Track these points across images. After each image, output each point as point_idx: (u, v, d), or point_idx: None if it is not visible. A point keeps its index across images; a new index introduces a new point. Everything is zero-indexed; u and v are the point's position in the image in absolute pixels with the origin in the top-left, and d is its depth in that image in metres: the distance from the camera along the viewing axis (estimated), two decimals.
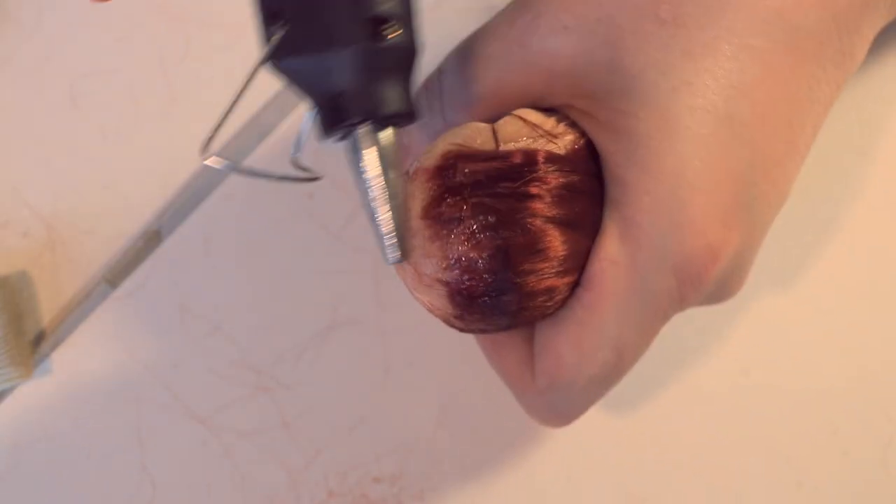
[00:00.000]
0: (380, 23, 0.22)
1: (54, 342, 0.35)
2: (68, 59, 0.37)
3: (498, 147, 0.25)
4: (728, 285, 0.27)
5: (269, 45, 0.22)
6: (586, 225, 0.26)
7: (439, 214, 0.25)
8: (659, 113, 0.24)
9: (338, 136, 0.23)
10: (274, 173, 0.24)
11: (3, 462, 0.34)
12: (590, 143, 0.26)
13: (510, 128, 0.26)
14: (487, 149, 0.25)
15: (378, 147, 0.23)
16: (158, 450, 0.34)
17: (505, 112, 0.27)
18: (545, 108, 0.27)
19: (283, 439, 0.34)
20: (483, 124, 0.26)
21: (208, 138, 0.23)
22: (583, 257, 0.26)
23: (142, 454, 0.34)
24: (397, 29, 0.22)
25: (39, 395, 0.34)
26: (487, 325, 0.27)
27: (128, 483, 0.34)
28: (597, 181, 0.26)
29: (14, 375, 0.33)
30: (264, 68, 0.23)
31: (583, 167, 0.26)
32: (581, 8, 0.25)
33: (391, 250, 0.24)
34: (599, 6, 0.25)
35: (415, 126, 0.26)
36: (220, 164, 0.23)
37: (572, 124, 0.26)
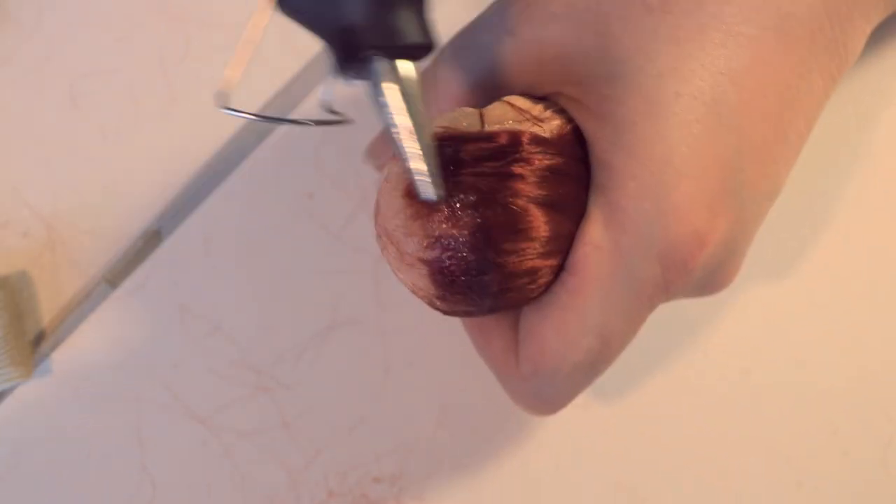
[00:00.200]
0: None
1: (54, 342, 0.35)
2: (68, 59, 0.37)
3: (483, 128, 0.26)
4: (718, 275, 0.27)
5: None
6: (571, 208, 0.26)
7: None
8: (645, 98, 0.24)
9: (354, 72, 0.22)
10: (295, 119, 0.23)
11: (4, 462, 0.34)
12: (577, 129, 0.26)
13: (497, 111, 0.26)
14: (473, 130, 0.25)
15: (399, 81, 0.22)
16: (158, 450, 0.34)
17: (496, 100, 0.27)
18: (537, 97, 0.27)
19: (283, 439, 0.34)
20: (471, 109, 0.26)
21: (224, 85, 0.22)
22: (567, 241, 0.26)
23: (142, 454, 0.34)
24: None
25: (39, 395, 0.34)
26: (470, 307, 0.26)
27: (128, 483, 0.34)
28: (583, 166, 0.26)
29: (14, 375, 0.33)
30: (273, 9, 0.22)
31: (568, 151, 0.26)
32: None
33: (424, 188, 0.23)
34: None
35: None
36: (236, 112, 0.22)
37: (560, 111, 0.26)
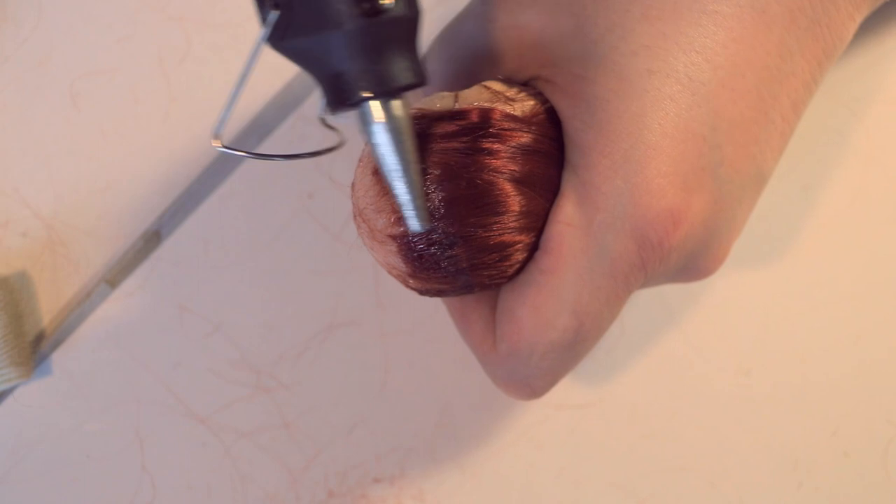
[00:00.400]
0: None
1: (54, 342, 0.35)
2: (68, 59, 0.37)
3: (455, 106, 0.26)
4: (701, 260, 0.26)
5: (265, 27, 0.22)
6: (542, 185, 0.26)
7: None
8: (617, 76, 0.24)
9: (347, 110, 0.23)
10: (285, 154, 0.24)
11: (4, 462, 0.34)
12: (551, 110, 0.26)
13: (472, 94, 0.26)
14: (444, 109, 0.25)
15: (388, 118, 0.23)
16: (158, 450, 0.34)
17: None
18: (516, 82, 0.27)
19: (283, 439, 0.34)
20: (447, 92, 0.26)
21: (218, 125, 0.23)
22: (541, 219, 0.26)
23: (142, 454, 0.34)
24: (393, 0, 0.22)
25: (39, 395, 0.34)
26: (443, 284, 0.26)
27: (128, 483, 0.34)
28: (556, 144, 0.26)
29: (14, 375, 0.33)
30: (267, 47, 0.23)
31: (541, 129, 0.26)
32: None
33: (411, 219, 0.24)
34: None
35: None
36: (230, 150, 0.23)
37: (536, 94, 0.26)
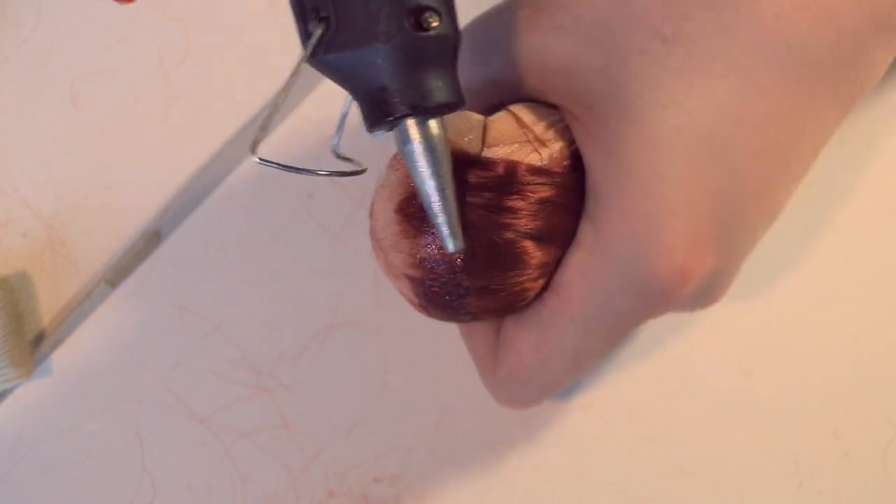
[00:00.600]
0: (420, 13, 0.22)
1: (54, 342, 0.35)
2: (68, 59, 0.37)
3: (484, 146, 0.25)
4: (707, 296, 0.27)
5: (310, 42, 0.22)
6: (560, 238, 0.26)
7: (413, 212, 0.25)
8: (643, 130, 0.24)
9: (384, 128, 0.23)
10: (322, 170, 0.24)
11: (4, 462, 0.34)
12: (577, 153, 0.26)
13: (501, 126, 0.26)
14: (473, 150, 0.25)
15: (427, 138, 0.23)
16: (158, 450, 0.34)
17: (504, 100, 0.27)
18: (544, 104, 0.27)
19: (283, 439, 0.34)
20: (476, 117, 0.26)
21: (256, 138, 0.23)
22: (554, 265, 0.26)
23: (142, 454, 0.34)
24: (437, 19, 0.22)
25: (39, 395, 0.34)
26: (451, 319, 0.27)
27: (128, 483, 0.34)
28: (577, 195, 0.26)
29: (14, 375, 0.33)
30: (307, 64, 0.23)
31: (564, 181, 0.26)
32: (581, 9, 0.25)
33: (448, 240, 0.24)
34: (599, 9, 0.25)
35: None
36: (268, 163, 0.23)
37: (564, 130, 0.26)
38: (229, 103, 0.36)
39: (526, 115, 0.26)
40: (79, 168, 0.36)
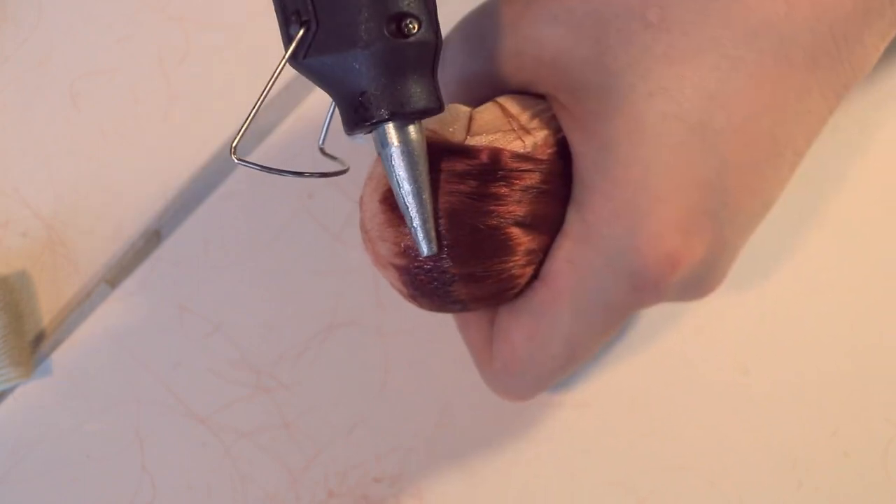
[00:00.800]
0: (401, 20, 0.22)
1: (54, 342, 0.35)
2: (68, 59, 0.37)
3: (467, 136, 0.26)
4: (700, 286, 0.27)
5: (291, 45, 0.22)
6: (547, 223, 0.26)
7: (397, 203, 0.25)
8: (631, 118, 0.24)
9: (364, 131, 0.23)
10: (303, 171, 0.24)
11: (4, 462, 0.34)
12: (563, 141, 0.26)
13: (486, 116, 0.26)
14: (457, 139, 0.25)
15: (404, 143, 0.23)
16: (158, 450, 0.34)
17: (494, 93, 0.27)
18: (532, 96, 0.27)
19: (283, 439, 0.34)
20: (463, 108, 0.26)
21: (236, 140, 0.23)
22: (543, 252, 0.26)
23: (142, 454, 0.34)
24: (418, 25, 0.22)
25: (39, 395, 0.34)
26: (442, 309, 0.27)
27: (128, 483, 0.34)
28: (563, 181, 0.26)
29: (14, 375, 0.33)
30: (288, 66, 0.23)
31: (549, 167, 0.26)
32: (571, 1, 0.25)
33: (423, 243, 0.24)
34: (590, 0, 0.25)
35: None
36: (248, 164, 0.23)
37: (550, 119, 0.26)
38: (229, 103, 0.36)
39: (511, 106, 0.26)
40: (79, 168, 0.36)
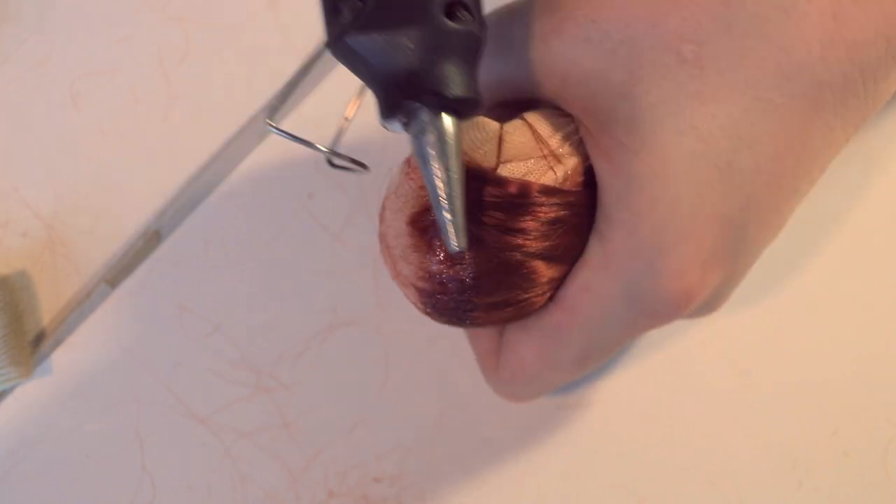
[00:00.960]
0: (452, 6, 0.22)
1: (54, 342, 0.35)
2: (68, 59, 0.37)
3: (499, 161, 0.25)
4: (706, 311, 0.28)
5: (341, 20, 0.22)
6: (570, 254, 0.26)
7: (425, 227, 0.25)
8: (659, 155, 0.24)
9: (402, 118, 0.23)
10: (332, 150, 0.24)
11: (4, 462, 0.34)
12: (591, 170, 0.26)
13: (517, 138, 0.26)
14: (488, 164, 0.25)
15: (440, 133, 0.22)
16: (158, 450, 0.34)
17: (516, 97, 0.27)
18: (562, 112, 0.27)
19: (283, 439, 0.34)
20: (492, 126, 0.26)
21: (272, 107, 0.23)
22: (562, 279, 0.27)
23: (142, 454, 0.34)
24: (468, 15, 0.22)
25: (39, 395, 0.34)
26: (455, 326, 0.27)
27: (128, 483, 0.34)
28: (589, 212, 0.26)
29: (14, 375, 0.33)
30: (329, 48, 0.22)
31: (577, 199, 0.26)
32: (607, 24, 0.24)
33: (451, 240, 0.23)
34: (626, 27, 0.24)
35: None
36: (279, 132, 0.23)
37: (579, 143, 0.26)
38: (229, 103, 0.36)
39: (542, 127, 0.26)
40: (79, 168, 0.36)
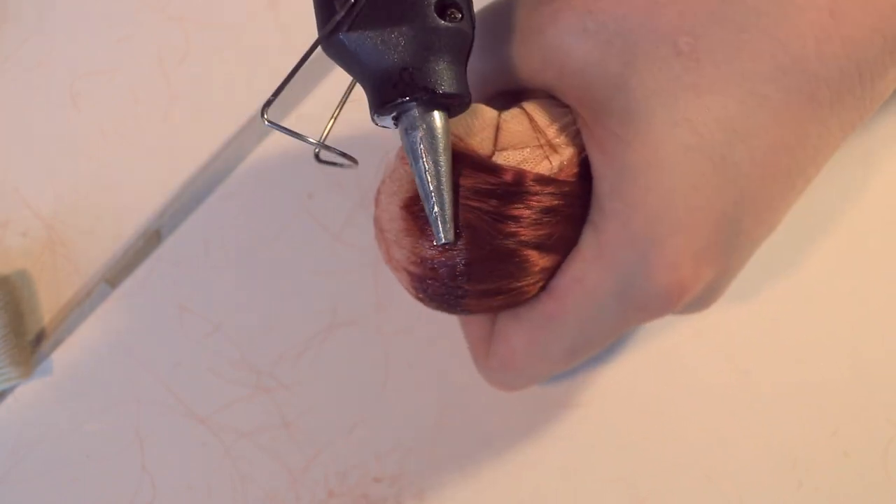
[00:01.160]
0: (445, 6, 0.22)
1: (54, 342, 0.35)
2: (68, 59, 0.37)
3: (495, 148, 0.25)
4: (700, 306, 0.28)
5: (336, 16, 0.22)
6: (562, 244, 0.26)
7: (418, 211, 0.25)
8: (653, 147, 0.24)
9: (392, 113, 0.23)
10: (322, 143, 0.24)
11: (4, 462, 0.34)
12: (586, 161, 0.26)
13: (514, 126, 0.26)
14: (484, 151, 0.25)
15: (430, 129, 0.23)
16: (158, 450, 0.34)
17: (510, 87, 0.27)
18: (559, 103, 0.27)
19: (283, 439, 0.34)
20: (489, 113, 0.26)
21: (268, 101, 0.23)
22: (555, 269, 0.27)
23: (142, 454, 0.34)
24: (459, 14, 0.23)
25: (39, 395, 0.34)
26: (447, 312, 0.27)
27: (128, 483, 0.34)
28: (583, 203, 0.26)
29: (14, 375, 0.33)
30: (321, 45, 0.23)
31: (571, 189, 0.26)
32: (604, 15, 0.24)
33: (439, 232, 0.24)
34: (623, 19, 0.24)
35: None
36: (276, 126, 0.23)
37: (576, 134, 0.26)
38: (229, 103, 0.36)
39: (540, 117, 0.26)
40: (79, 168, 0.36)
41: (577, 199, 0.26)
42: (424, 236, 0.25)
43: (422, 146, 0.23)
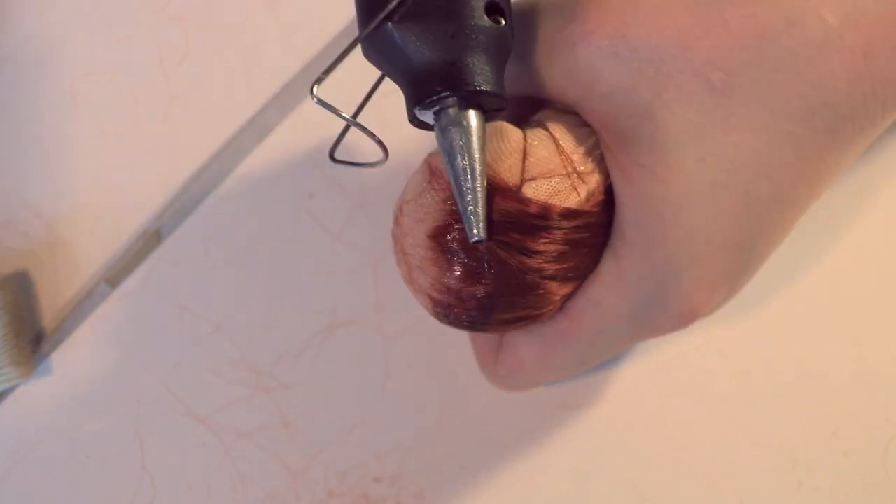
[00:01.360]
0: (493, 10, 0.23)
1: (54, 342, 0.35)
2: (68, 59, 0.37)
3: (524, 178, 0.25)
4: (704, 317, 0.28)
5: (389, 6, 0.22)
6: (584, 273, 0.27)
7: (445, 242, 0.25)
8: (679, 181, 0.24)
9: (435, 108, 0.23)
10: (358, 123, 0.24)
11: (4, 462, 0.34)
12: (611, 189, 0.26)
13: (541, 152, 0.25)
14: (512, 181, 0.25)
15: (467, 127, 0.23)
16: (158, 450, 0.34)
17: (532, 95, 0.27)
18: (582, 122, 0.26)
19: (283, 439, 0.34)
20: (516, 136, 0.26)
21: (318, 79, 0.23)
22: (571, 294, 0.27)
23: (142, 454, 0.34)
24: (503, 19, 0.23)
25: (39, 395, 0.34)
26: (462, 331, 0.28)
27: (128, 483, 0.34)
28: (605, 230, 0.26)
29: (14, 375, 0.33)
30: (360, 44, 0.23)
31: (596, 219, 0.26)
32: (637, 41, 0.24)
33: (473, 230, 0.24)
34: (657, 46, 0.24)
35: None
36: (325, 105, 0.23)
37: (601, 158, 0.26)
38: (229, 103, 0.36)
39: (565, 140, 0.26)
40: (79, 168, 0.36)
41: (602, 227, 0.26)
42: (451, 268, 0.25)
43: (460, 142, 0.23)
